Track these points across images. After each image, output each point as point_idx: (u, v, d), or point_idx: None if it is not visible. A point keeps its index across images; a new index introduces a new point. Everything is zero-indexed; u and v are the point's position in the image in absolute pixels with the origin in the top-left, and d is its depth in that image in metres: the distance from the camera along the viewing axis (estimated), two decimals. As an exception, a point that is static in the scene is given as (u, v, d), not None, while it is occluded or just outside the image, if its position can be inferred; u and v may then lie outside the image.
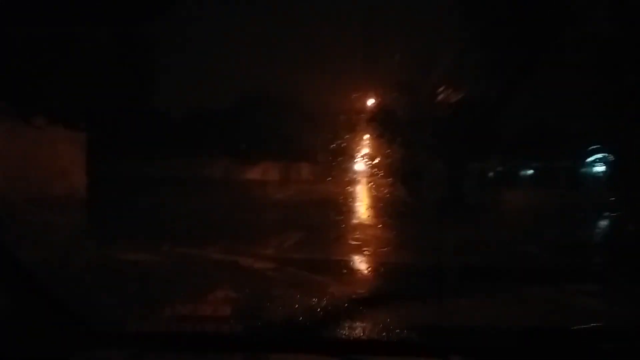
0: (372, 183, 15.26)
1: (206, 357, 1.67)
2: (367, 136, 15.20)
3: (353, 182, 16.07)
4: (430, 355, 1.71)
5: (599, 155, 16.56)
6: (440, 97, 12.99)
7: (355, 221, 9.46)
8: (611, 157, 15.80)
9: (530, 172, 19.70)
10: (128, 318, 1.96)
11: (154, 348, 1.72)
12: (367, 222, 9.55)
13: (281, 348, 1.73)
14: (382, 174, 14.84)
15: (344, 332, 1.91)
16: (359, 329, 1.97)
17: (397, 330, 1.83)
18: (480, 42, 11.80)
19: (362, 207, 12.33)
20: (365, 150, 16.16)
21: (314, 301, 2.33)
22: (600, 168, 16.91)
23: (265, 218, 9.11)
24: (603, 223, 9.32)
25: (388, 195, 12.78)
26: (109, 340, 1.76)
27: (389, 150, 14.83)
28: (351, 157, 16.51)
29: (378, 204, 12.00)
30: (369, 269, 5.31)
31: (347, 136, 15.03)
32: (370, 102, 14.27)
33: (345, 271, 5.06)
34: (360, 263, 5.54)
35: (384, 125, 14.16)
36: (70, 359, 1.63)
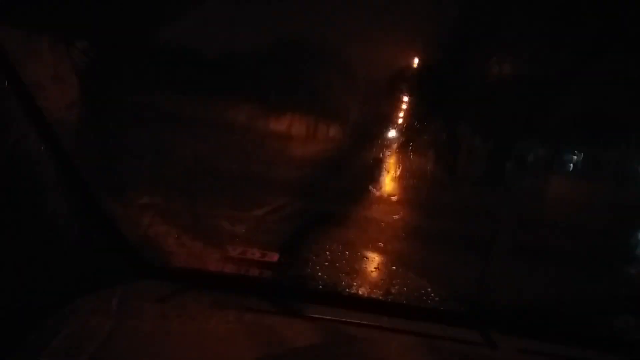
0: (404, 152, 14.47)
1: (248, 300, 1.76)
2: (406, 99, 14.00)
3: (385, 147, 15.49)
4: (469, 327, 1.73)
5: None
6: (494, 67, 11.71)
7: (386, 190, 8.97)
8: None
9: (576, 160, 18.69)
10: (177, 255, 2.02)
11: (200, 284, 1.85)
12: (397, 193, 8.88)
13: (321, 301, 1.84)
14: (417, 144, 13.94)
15: (383, 294, 2.02)
16: (398, 292, 2.09)
17: (437, 298, 1.93)
18: (549, 11, 10.46)
19: (393, 176, 11.80)
20: (402, 115, 15.00)
21: (357, 260, 2.45)
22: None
23: (285, 175, 8.49)
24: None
25: (422, 168, 12.27)
26: (157, 272, 1.90)
27: (428, 119, 13.77)
28: (386, 121, 15.49)
29: (411, 176, 11.41)
30: (410, 235, 5.35)
31: (384, 97, 13.84)
32: (416, 61, 12.93)
33: (388, 235, 5.13)
34: (401, 228, 5.66)
35: (427, 90, 12.93)
36: (120, 286, 1.73)
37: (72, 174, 1.76)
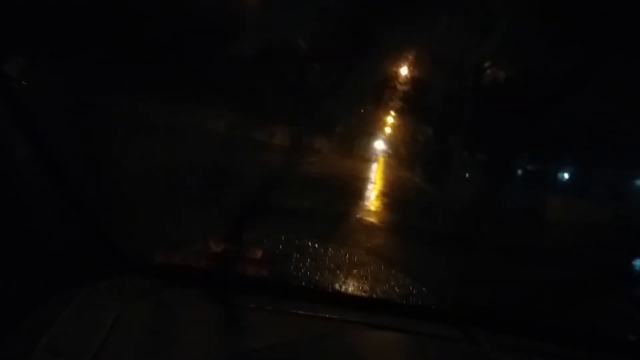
0: (392, 166, 13.99)
1: (231, 296, 1.71)
2: (394, 111, 13.43)
3: (371, 161, 15.13)
4: (450, 323, 1.73)
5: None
6: (485, 74, 11.20)
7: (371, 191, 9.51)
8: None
9: (567, 175, 18.30)
10: (159, 251, 1.97)
11: (181, 281, 1.79)
12: (383, 205, 8.77)
13: (304, 298, 1.80)
14: (405, 157, 13.47)
15: (365, 290, 2.04)
16: (380, 289, 2.12)
17: (419, 295, 1.93)
18: (544, 14, 9.99)
19: (380, 189, 11.35)
20: (391, 127, 14.46)
21: (340, 258, 2.42)
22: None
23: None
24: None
25: (409, 183, 11.91)
26: (140, 269, 1.83)
27: (417, 131, 13.28)
28: (373, 133, 15.06)
29: (397, 191, 10.97)
30: (395, 235, 5.47)
31: (371, 108, 13.28)
32: (404, 71, 12.36)
33: (371, 235, 5.23)
34: (386, 229, 5.72)
35: (416, 101, 12.38)
36: (103, 282, 1.68)
37: (55, 173, 1.72)
